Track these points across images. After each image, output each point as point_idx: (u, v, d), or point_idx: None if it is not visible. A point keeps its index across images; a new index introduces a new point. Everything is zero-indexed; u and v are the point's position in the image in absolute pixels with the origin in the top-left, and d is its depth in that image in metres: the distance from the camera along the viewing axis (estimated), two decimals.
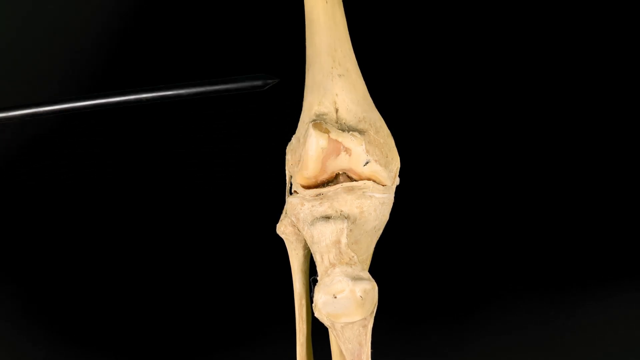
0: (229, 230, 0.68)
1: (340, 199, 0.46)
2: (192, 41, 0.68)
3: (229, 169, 0.68)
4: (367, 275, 0.45)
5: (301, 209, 0.47)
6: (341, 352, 0.49)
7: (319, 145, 0.45)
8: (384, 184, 0.47)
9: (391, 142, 0.48)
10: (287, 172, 0.49)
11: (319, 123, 0.46)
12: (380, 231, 0.49)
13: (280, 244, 0.52)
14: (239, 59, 0.68)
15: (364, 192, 0.46)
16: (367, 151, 0.46)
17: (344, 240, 0.45)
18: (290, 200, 0.48)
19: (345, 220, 0.45)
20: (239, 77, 0.46)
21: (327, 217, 0.46)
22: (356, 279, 0.44)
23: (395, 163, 0.48)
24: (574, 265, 0.70)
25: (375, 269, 0.49)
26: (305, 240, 0.50)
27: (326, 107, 0.48)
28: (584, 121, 0.69)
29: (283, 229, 0.50)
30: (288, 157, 0.49)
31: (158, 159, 0.68)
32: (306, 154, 0.45)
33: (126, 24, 0.68)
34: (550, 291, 0.70)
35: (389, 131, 0.49)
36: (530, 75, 0.69)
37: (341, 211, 0.46)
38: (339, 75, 0.48)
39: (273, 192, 0.53)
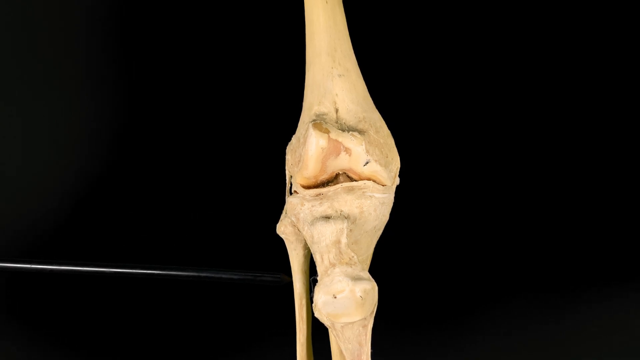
0: (228, 230, 0.68)
1: (340, 199, 0.46)
2: (192, 41, 0.68)
3: (229, 169, 0.68)
4: (367, 275, 0.45)
5: (301, 209, 0.47)
6: (341, 352, 0.49)
7: (319, 145, 0.45)
8: (384, 184, 0.47)
9: (391, 142, 0.48)
10: (287, 172, 0.49)
11: (319, 123, 0.46)
12: (380, 231, 0.49)
13: (280, 244, 0.52)
14: (239, 59, 0.68)
15: (364, 192, 0.46)
16: (367, 151, 0.46)
17: (344, 240, 0.45)
18: (290, 200, 0.48)
19: (345, 220, 0.45)
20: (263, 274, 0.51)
21: (327, 217, 0.46)
22: (356, 279, 0.44)
23: (395, 163, 0.48)
24: (573, 266, 0.70)
25: (375, 269, 0.49)
26: (305, 240, 0.50)
27: (326, 107, 0.48)
28: (584, 121, 0.69)
29: (283, 229, 0.50)
30: (288, 157, 0.49)
31: (157, 159, 0.68)
32: (306, 154, 0.45)
33: (126, 21, 0.68)
34: (550, 292, 0.70)
35: (389, 131, 0.49)
36: (530, 75, 0.69)
37: (341, 211, 0.46)
38: (339, 75, 0.48)
39: (273, 192, 0.53)
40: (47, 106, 0.68)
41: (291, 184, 0.49)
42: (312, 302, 0.45)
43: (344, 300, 0.44)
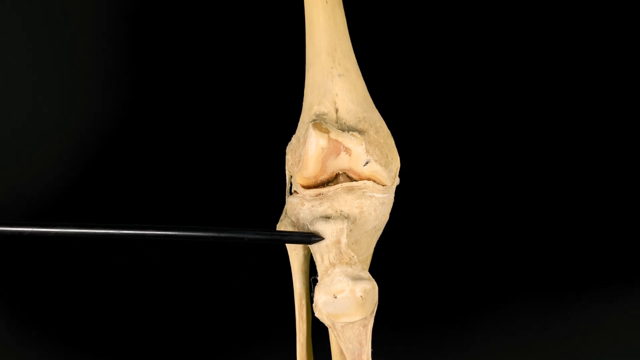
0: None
1: (340, 199, 0.46)
2: (192, 40, 0.68)
3: (229, 169, 0.68)
4: (367, 275, 0.45)
5: (301, 209, 0.47)
6: (341, 352, 0.49)
7: (319, 145, 0.45)
8: (384, 184, 0.47)
9: (391, 142, 0.48)
10: (287, 172, 0.49)
11: (319, 123, 0.46)
12: (380, 231, 0.49)
13: (280, 244, 0.52)
14: (239, 59, 0.68)
15: (364, 192, 0.46)
16: (367, 151, 0.46)
17: (344, 240, 0.45)
18: (290, 200, 0.48)
19: (345, 220, 0.45)
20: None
21: (327, 217, 0.46)
22: (356, 278, 0.44)
23: (395, 163, 0.48)
24: (574, 266, 0.70)
25: (375, 269, 0.49)
26: None
27: (326, 107, 0.48)
28: (584, 121, 0.69)
29: (283, 229, 0.50)
30: (288, 157, 0.49)
31: (156, 159, 0.68)
32: (306, 154, 0.45)
33: (129, 25, 0.68)
34: (551, 292, 0.70)
35: (389, 131, 0.49)
36: (530, 75, 0.69)
37: (341, 211, 0.46)
38: (339, 75, 0.48)
39: (273, 192, 0.53)
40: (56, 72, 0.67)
41: (291, 184, 0.49)
42: (312, 302, 0.45)
43: (344, 300, 0.44)
